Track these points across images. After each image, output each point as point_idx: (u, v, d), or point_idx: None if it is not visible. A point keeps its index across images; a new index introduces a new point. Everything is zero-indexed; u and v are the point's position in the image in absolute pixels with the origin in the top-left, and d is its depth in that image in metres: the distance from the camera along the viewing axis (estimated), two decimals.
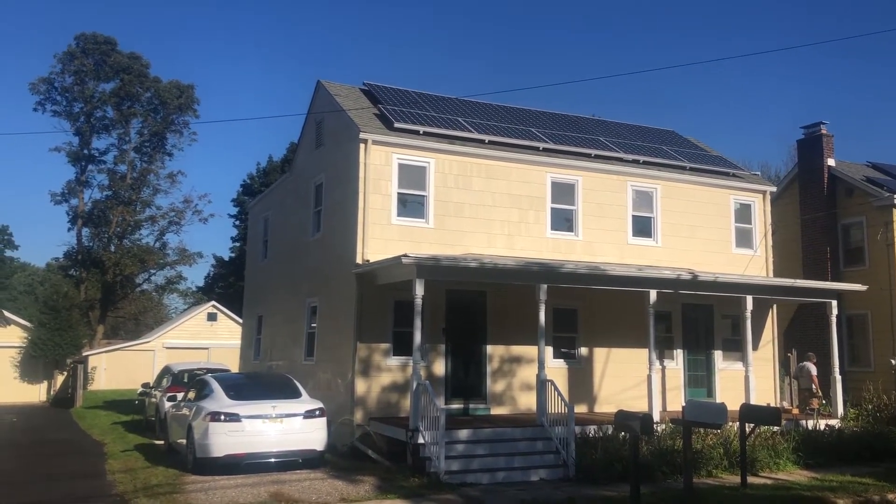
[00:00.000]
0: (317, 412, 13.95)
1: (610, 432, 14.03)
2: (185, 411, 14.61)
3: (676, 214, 19.88)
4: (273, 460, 13.36)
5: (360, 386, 15.79)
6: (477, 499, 11.51)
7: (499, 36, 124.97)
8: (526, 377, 17.06)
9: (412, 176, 17.00)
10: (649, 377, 16.20)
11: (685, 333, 19.66)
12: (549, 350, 16.97)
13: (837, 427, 16.85)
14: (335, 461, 14.46)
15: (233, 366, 27.98)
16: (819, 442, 15.48)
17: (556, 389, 14.37)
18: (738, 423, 13.31)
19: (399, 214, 16.74)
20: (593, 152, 19.19)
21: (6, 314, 36.35)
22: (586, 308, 18.26)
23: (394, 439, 14.47)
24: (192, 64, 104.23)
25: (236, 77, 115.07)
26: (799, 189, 26.08)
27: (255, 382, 16.21)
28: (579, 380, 18.07)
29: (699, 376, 19.74)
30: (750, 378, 17.34)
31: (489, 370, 17.19)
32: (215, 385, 14.52)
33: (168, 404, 17.38)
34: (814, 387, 19.23)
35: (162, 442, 17.09)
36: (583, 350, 18.35)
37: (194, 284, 69.21)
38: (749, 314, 17.52)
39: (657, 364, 16.96)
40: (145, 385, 23.56)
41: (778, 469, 14.27)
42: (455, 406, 16.49)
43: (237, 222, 58.25)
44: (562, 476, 13.18)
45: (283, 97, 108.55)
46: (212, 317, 43.80)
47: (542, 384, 14.57)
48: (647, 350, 16.39)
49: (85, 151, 50.29)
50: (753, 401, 16.59)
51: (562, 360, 18.01)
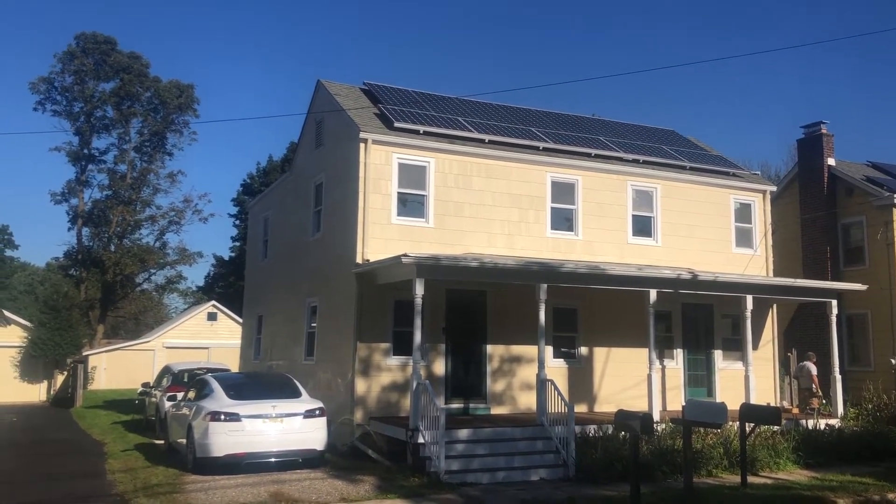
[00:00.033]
0: (317, 412, 13.95)
1: (610, 432, 14.03)
2: (186, 411, 14.61)
3: (676, 214, 19.89)
4: (273, 460, 13.35)
5: (360, 385, 15.80)
6: (477, 498, 11.51)
7: (499, 35, 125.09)
8: (526, 377, 17.07)
9: (412, 175, 17.00)
10: (649, 377, 16.21)
11: (685, 333, 19.67)
12: (549, 349, 16.97)
13: (837, 427, 16.85)
14: (335, 461, 14.45)
15: (233, 365, 27.98)
16: (819, 441, 15.48)
17: (556, 389, 14.37)
18: (738, 423, 13.31)
19: (399, 214, 16.75)
20: (593, 152, 19.19)
21: (6, 314, 36.34)
22: (586, 307, 18.27)
23: (394, 439, 14.47)
24: (192, 64, 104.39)
25: (236, 77, 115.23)
26: (799, 188, 26.08)
27: (256, 382, 16.21)
28: (579, 379, 18.07)
29: (699, 376, 19.75)
30: (750, 377, 17.35)
31: (489, 370, 17.19)
32: (215, 385, 14.52)
33: (168, 404, 17.38)
34: (814, 386, 19.24)
35: (162, 441, 17.09)
36: (583, 349, 18.36)
37: (194, 284, 69.30)
38: (749, 314, 17.52)
39: (657, 363, 16.96)
40: (145, 385, 23.57)
41: (778, 469, 14.27)
42: (455, 406, 16.49)
43: (237, 222, 58.26)
44: (562, 476, 13.18)
45: (283, 97, 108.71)
46: (212, 316, 43.80)
47: (542, 384, 14.58)
48: (647, 349, 16.39)
49: (85, 151, 50.30)
50: (753, 400, 16.60)
51: (562, 360, 18.02)
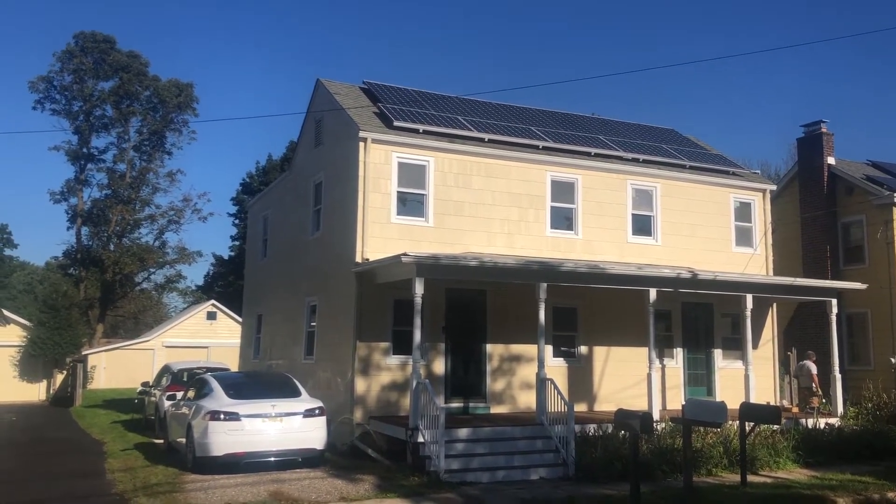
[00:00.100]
0: (316, 411, 13.94)
1: (610, 431, 14.02)
2: (185, 410, 14.59)
3: (676, 213, 19.88)
4: (273, 459, 13.34)
5: (360, 385, 15.79)
6: (477, 497, 11.50)
7: (499, 34, 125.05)
8: (526, 376, 17.06)
9: (412, 174, 16.99)
10: (649, 376, 16.20)
11: (685, 332, 19.66)
12: (549, 349, 16.95)
13: (837, 425, 16.86)
14: (335, 460, 14.44)
15: (232, 365, 27.94)
16: (819, 440, 15.48)
17: (556, 388, 14.36)
18: (738, 422, 13.31)
19: (399, 213, 16.73)
20: (593, 151, 19.18)
21: (6, 313, 36.31)
22: (586, 307, 18.26)
23: (394, 438, 14.46)
24: (192, 63, 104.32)
25: (236, 77, 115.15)
26: (799, 187, 26.07)
27: (255, 381, 16.19)
28: (579, 378, 18.06)
29: (699, 375, 19.74)
30: (750, 377, 17.35)
31: (489, 369, 17.19)
32: (215, 384, 14.50)
33: (167, 403, 17.37)
34: (814, 385, 19.24)
35: (161, 441, 17.07)
36: (582, 349, 18.35)
37: (194, 283, 69.26)
38: (749, 313, 17.51)
39: (657, 363, 16.94)
40: (145, 384, 23.53)
41: (778, 468, 14.27)
42: (455, 405, 16.48)
43: (237, 221, 58.21)
44: (561, 475, 13.18)
45: (283, 96, 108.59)
46: (211, 316, 43.78)
47: (542, 383, 14.57)
48: (647, 349, 16.39)
49: (84, 150, 50.28)
50: (753, 399, 16.62)
51: (561, 359, 18.01)
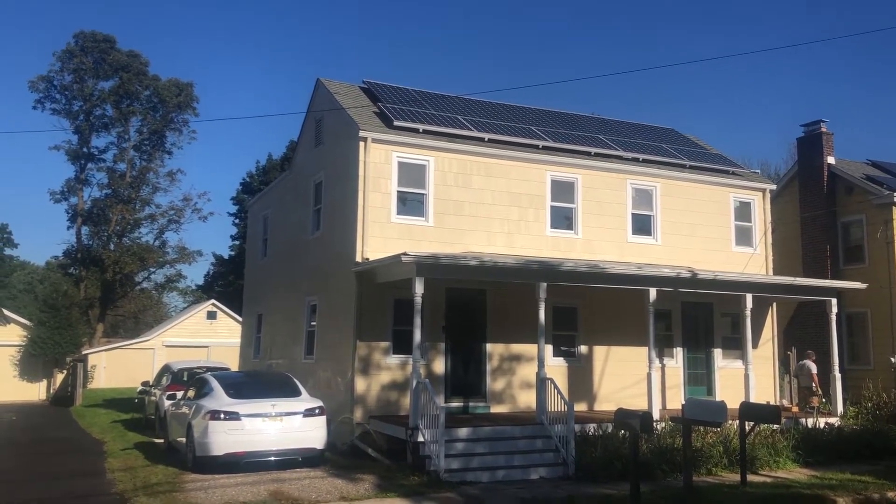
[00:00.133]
0: (316, 410, 13.94)
1: (609, 430, 14.03)
2: (185, 410, 14.60)
3: (676, 212, 19.88)
4: (273, 459, 13.35)
5: (360, 384, 15.79)
6: (477, 497, 11.51)
7: (499, 34, 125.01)
8: (525, 375, 17.06)
9: (412, 174, 16.99)
10: (649, 375, 16.21)
11: (685, 331, 19.66)
12: (549, 348, 16.95)
13: (837, 425, 16.86)
14: (335, 459, 14.45)
15: (232, 364, 27.94)
16: (819, 440, 15.48)
17: (556, 388, 14.36)
18: (738, 422, 13.31)
19: (399, 213, 16.74)
20: (593, 150, 19.18)
21: (6, 313, 36.33)
22: (586, 306, 18.26)
23: (394, 437, 14.47)
24: (192, 63, 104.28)
25: (236, 77, 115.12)
26: (799, 187, 26.07)
27: (255, 381, 16.20)
28: (579, 378, 18.07)
29: (699, 374, 19.75)
30: (750, 376, 17.35)
31: (489, 368, 17.19)
32: (215, 383, 14.51)
33: (168, 403, 17.36)
34: (813, 385, 19.23)
35: (161, 440, 17.08)
36: (582, 348, 18.35)
37: (194, 283, 69.31)
38: (749, 312, 17.51)
39: (657, 362, 16.95)
40: (145, 383, 23.55)
41: (778, 467, 14.27)
42: (455, 404, 16.48)
43: (237, 220, 58.19)
44: (561, 474, 13.18)
45: (283, 96, 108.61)
46: (211, 315, 43.79)
47: (542, 382, 14.57)
48: (647, 348, 16.39)
49: (84, 150, 50.25)
50: (753, 399, 16.62)
51: (561, 359, 18.01)
